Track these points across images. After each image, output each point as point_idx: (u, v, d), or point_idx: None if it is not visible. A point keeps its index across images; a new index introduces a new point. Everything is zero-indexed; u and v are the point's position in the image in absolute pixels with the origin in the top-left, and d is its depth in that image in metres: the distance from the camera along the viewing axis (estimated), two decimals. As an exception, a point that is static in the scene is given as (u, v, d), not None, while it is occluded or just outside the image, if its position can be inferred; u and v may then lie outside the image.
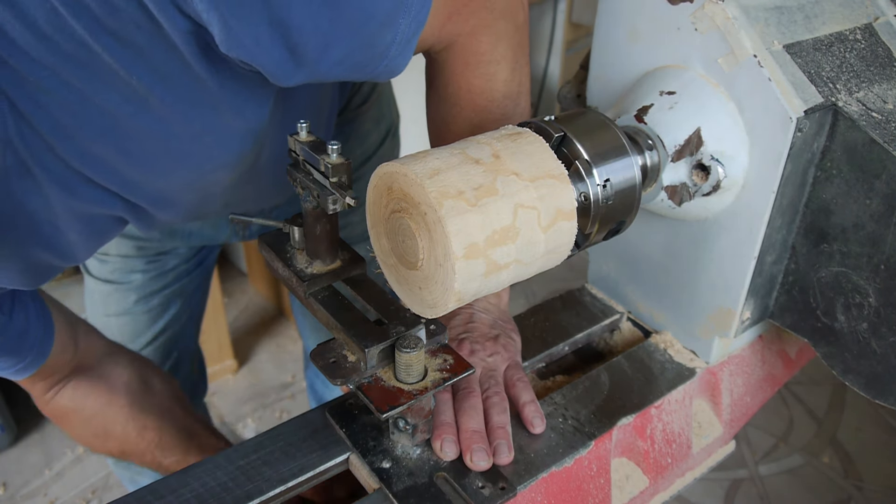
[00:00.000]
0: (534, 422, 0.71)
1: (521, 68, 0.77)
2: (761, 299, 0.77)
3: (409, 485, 0.65)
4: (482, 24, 0.71)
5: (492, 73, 0.74)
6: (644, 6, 0.73)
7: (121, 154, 0.63)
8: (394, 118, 1.22)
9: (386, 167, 0.54)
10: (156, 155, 0.65)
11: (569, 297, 0.93)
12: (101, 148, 0.62)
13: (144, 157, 0.65)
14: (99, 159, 0.63)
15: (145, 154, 0.64)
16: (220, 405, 2.21)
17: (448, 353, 0.66)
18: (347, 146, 1.10)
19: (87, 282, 1.17)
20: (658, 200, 0.73)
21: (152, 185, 0.69)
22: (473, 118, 0.76)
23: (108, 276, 1.14)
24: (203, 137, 0.65)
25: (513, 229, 0.53)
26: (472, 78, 0.74)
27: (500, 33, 0.72)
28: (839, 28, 0.73)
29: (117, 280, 1.14)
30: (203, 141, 0.66)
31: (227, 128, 0.66)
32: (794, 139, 0.65)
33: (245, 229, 1.13)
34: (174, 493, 0.65)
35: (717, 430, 0.84)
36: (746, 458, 2.03)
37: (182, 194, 0.75)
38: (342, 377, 0.62)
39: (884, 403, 0.71)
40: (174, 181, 0.70)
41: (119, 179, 0.66)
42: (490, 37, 0.72)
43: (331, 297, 0.69)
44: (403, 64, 0.63)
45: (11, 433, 2.05)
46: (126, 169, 0.65)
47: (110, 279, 1.14)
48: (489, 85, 0.75)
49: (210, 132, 0.65)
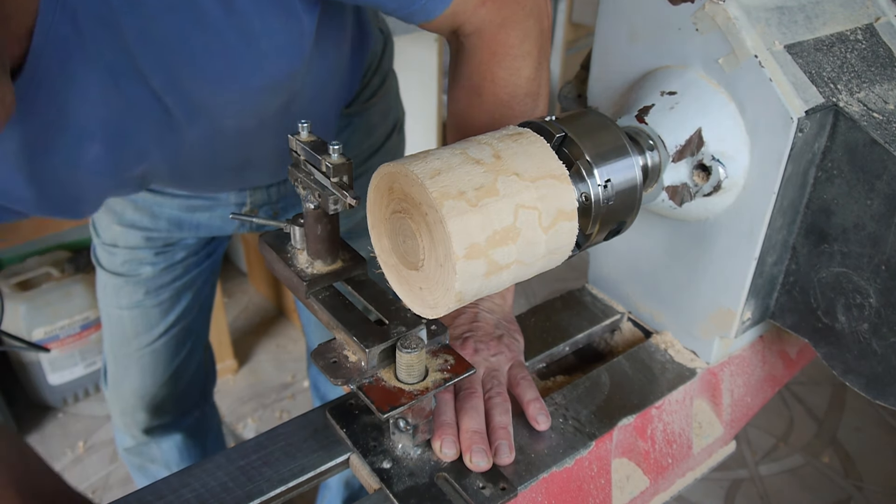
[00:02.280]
0: (538, 418, 0.71)
1: (543, 70, 0.79)
2: (762, 300, 0.77)
3: (409, 485, 0.65)
4: (513, 18, 0.74)
5: (517, 67, 0.76)
6: (644, 6, 0.73)
7: (178, 39, 0.65)
8: (400, 114, 1.22)
9: (387, 167, 0.54)
10: (211, 51, 0.67)
11: (569, 297, 0.93)
12: (163, 27, 0.64)
13: (201, 48, 0.67)
14: (156, 42, 0.64)
15: (203, 46, 0.66)
16: (220, 405, 2.21)
17: (449, 353, 0.66)
18: (356, 138, 1.11)
19: (98, 275, 1.19)
20: (659, 201, 0.73)
21: (197, 89, 0.71)
22: (494, 111, 0.78)
23: (119, 269, 1.15)
24: (259, 42, 0.68)
25: (514, 230, 0.53)
26: (498, 69, 0.76)
27: (529, 31, 0.75)
28: (840, 28, 0.73)
29: (127, 273, 1.14)
30: (257, 47, 0.69)
31: (276, 46, 0.70)
32: (795, 139, 0.65)
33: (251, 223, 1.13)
34: (174, 493, 0.65)
35: (717, 431, 0.84)
36: (747, 458, 2.03)
37: (220, 114, 0.76)
38: (343, 377, 0.63)
39: (884, 404, 0.71)
40: (219, 93, 0.72)
41: (167, 73, 0.68)
42: (519, 32, 0.75)
43: (332, 298, 0.69)
44: (440, 9, 0.70)
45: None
46: (178, 60, 0.67)
47: (120, 272, 1.15)
48: (513, 79, 0.77)
49: (267, 38, 0.69)
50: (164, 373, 1.25)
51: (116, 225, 1.11)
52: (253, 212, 1.11)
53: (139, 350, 1.22)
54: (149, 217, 1.09)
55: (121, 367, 1.25)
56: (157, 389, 1.26)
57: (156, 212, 1.09)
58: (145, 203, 1.08)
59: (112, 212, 1.10)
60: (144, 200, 1.08)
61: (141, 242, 1.12)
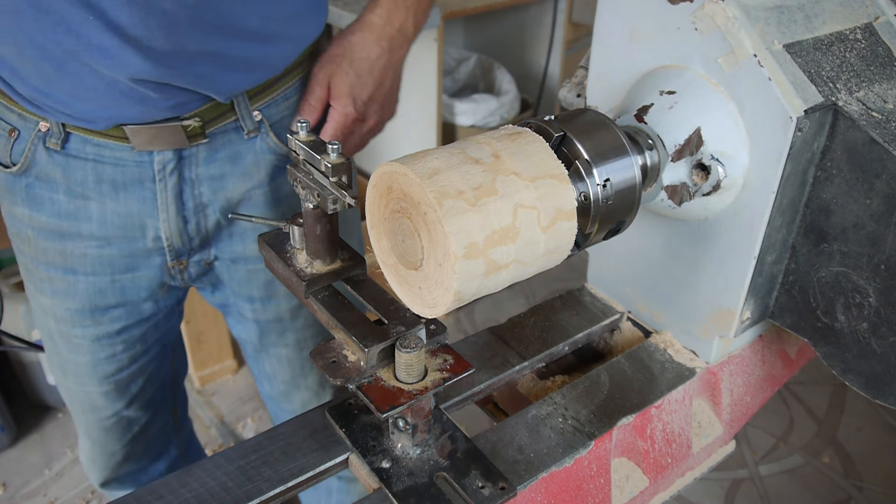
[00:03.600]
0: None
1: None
2: (761, 299, 0.77)
3: (408, 485, 0.65)
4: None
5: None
6: (644, 6, 0.73)
7: None
8: None
9: (386, 167, 0.54)
10: None
11: (569, 297, 0.93)
12: None
13: None
14: None
15: None
16: (221, 405, 2.21)
17: (448, 352, 0.66)
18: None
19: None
20: (658, 200, 0.73)
21: None
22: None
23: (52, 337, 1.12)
24: None
25: (513, 229, 0.53)
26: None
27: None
28: (839, 27, 0.73)
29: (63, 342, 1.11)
30: None
31: None
32: (795, 139, 0.65)
33: (183, 271, 1.08)
34: (174, 493, 0.65)
35: (717, 430, 0.84)
36: (746, 458, 2.03)
37: None
38: (342, 377, 0.63)
39: (884, 403, 0.71)
40: None
41: None
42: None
43: (331, 297, 0.69)
44: None
45: (11, 433, 2.06)
46: None
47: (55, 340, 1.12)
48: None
49: None
50: (123, 438, 1.23)
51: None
52: (182, 263, 1.05)
53: (91, 423, 1.19)
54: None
55: (80, 424, 1.22)
56: (120, 448, 1.24)
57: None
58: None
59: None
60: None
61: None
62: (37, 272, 1.04)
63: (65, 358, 1.11)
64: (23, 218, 0.99)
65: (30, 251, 1.02)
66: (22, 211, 0.99)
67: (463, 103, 2.63)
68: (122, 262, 1.02)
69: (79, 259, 1.01)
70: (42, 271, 1.03)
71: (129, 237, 1.00)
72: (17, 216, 1.00)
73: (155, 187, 0.97)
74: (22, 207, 0.98)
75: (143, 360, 1.15)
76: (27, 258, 1.04)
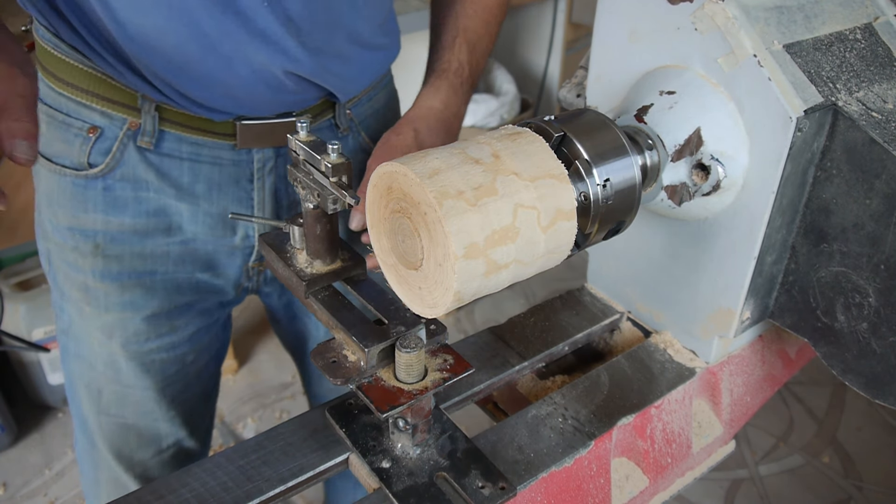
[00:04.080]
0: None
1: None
2: (761, 299, 0.77)
3: (408, 485, 0.65)
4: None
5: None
6: (644, 6, 0.73)
7: None
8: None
9: (386, 167, 0.54)
10: None
11: (569, 297, 0.93)
12: None
13: None
14: None
15: None
16: (221, 405, 2.21)
17: (448, 352, 0.67)
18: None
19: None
20: (658, 200, 0.73)
21: None
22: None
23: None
24: None
25: (512, 229, 0.53)
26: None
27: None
28: (839, 28, 0.73)
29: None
30: None
31: None
32: (794, 139, 0.65)
33: (260, 275, 1.04)
34: (174, 493, 0.65)
35: (717, 430, 0.84)
36: (746, 458, 2.03)
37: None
38: (342, 377, 0.63)
39: (884, 403, 0.71)
40: None
41: None
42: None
43: (331, 297, 0.69)
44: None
45: (11, 433, 2.06)
46: None
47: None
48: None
49: None
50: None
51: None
52: (263, 264, 1.01)
53: (148, 459, 1.09)
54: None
55: (126, 466, 1.09)
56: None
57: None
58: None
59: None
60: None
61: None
62: (102, 286, 0.95)
63: (128, 384, 1.02)
64: (94, 225, 0.92)
65: (92, 264, 0.94)
66: (94, 217, 0.91)
67: (463, 103, 2.63)
68: (205, 259, 0.98)
69: (160, 257, 0.95)
70: (111, 282, 0.95)
71: (218, 235, 0.96)
72: (82, 226, 0.92)
73: (251, 186, 0.94)
74: (94, 213, 0.91)
75: (204, 376, 1.11)
76: (86, 273, 0.95)
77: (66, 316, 1.01)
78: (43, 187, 0.94)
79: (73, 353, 1.03)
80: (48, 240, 0.97)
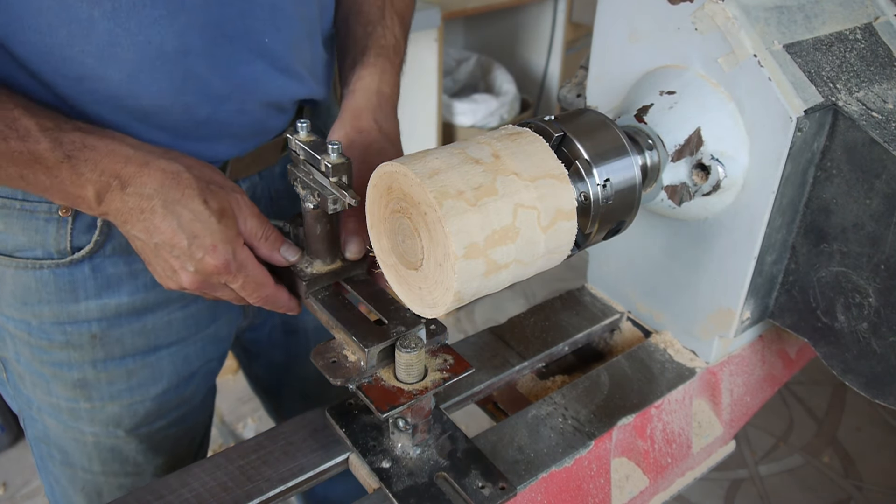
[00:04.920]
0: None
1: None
2: (761, 299, 0.77)
3: (408, 485, 0.65)
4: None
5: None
6: (644, 6, 0.73)
7: None
8: None
9: (386, 167, 0.54)
10: None
11: (569, 297, 0.93)
12: None
13: None
14: None
15: None
16: (220, 405, 2.21)
17: (448, 352, 0.67)
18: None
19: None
20: (658, 200, 0.73)
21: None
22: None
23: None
24: None
25: (513, 229, 0.53)
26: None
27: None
28: (839, 28, 0.73)
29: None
30: None
31: None
32: (794, 139, 0.65)
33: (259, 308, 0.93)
34: (174, 493, 0.65)
35: (717, 430, 0.84)
36: (746, 458, 2.03)
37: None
38: (343, 377, 0.63)
39: (884, 403, 0.71)
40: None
41: None
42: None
43: (331, 297, 0.69)
44: None
45: (11, 433, 2.06)
46: None
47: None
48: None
49: None
50: None
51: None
52: None
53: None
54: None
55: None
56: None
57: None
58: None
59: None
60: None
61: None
62: (106, 375, 0.86)
63: (135, 472, 0.95)
64: (87, 315, 0.82)
65: (92, 355, 0.85)
66: (86, 306, 0.82)
67: (463, 103, 2.63)
68: (206, 315, 0.91)
69: (162, 331, 0.87)
70: (115, 369, 0.86)
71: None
72: (74, 318, 0.82)
73: None
74: (86, 301, 0.81)
75: (206, 427, 1.05)
76: (83, 368, 0.85)
77: (41, 425, 0.91)
78: (9, 289, 0.80)
79: (60, 461, 0.93)
80: (20, 344, 0.85)
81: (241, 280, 0.69)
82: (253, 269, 0.70)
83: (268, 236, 0.71)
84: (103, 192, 0.65)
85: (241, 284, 0.70)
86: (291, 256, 0.72)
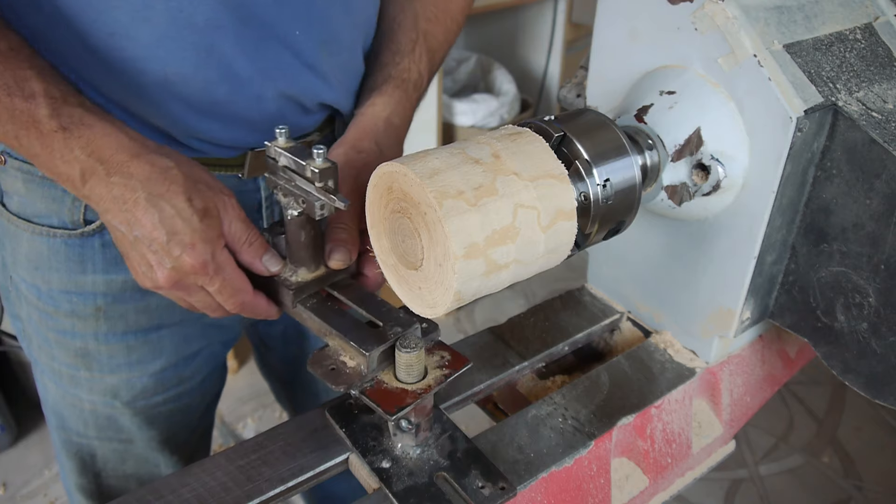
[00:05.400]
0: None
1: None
2: (761, 299, 0.77)
3: (409, 484, 0.65)
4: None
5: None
6: (644, 6, 0.73)
7: None
8: None
9: (386, 167, 0.54)
10: None
11: (569, 297, 0.93)
12: None
13: None
14: None
15: None
16: (221, 405, 2.21)
17: (444, 349, 0.66)
18: None
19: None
20: (658, 200, 0.73)
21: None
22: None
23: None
24: None
25: (512, 229, 0.53)
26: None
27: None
28: (839, 28, 0.73)
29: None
30: None
31: None
32: (794, 139, 0.65)
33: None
34: (174, 493, 0.65)
35: (717, 430, 0.84)
36: (746, 458, 2.03)
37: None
38: (345, 383, 0.62)
39: (884, 403, 0.71)
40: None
41: None
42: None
43: (320, 304, 0.68)
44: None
45: (11, 433, 2.06)
46: None
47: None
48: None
49: None
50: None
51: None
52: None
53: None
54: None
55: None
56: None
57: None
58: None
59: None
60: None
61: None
62: (107, 348, 0.89)
63: (129, 439, 0.98)
64: (93, 287, 0.85)
65: (95, 327, 0.88)
66: (93, 279, 0.84)
67: (463, 103, 2.63)
68: None
69: (164, 310, 0.89)
70: (116, 343, 0.89)
71: None
72: (81, 289, 0.85)
73: (260, 216, 0.90)
74: (93, 275, 0.84)
75: (207, 416, 1.07)
76: (86, 338, 0.88)
77: (41, 386, 0.96)
78: (24, 252, 0.85)
79: (56, 426, 0.97)
80: (30, 307, 0.89)
81: (219, 283, 0.68)
82: (231, 272, 0.68)
83: (252, 242, 0.69)
84: (88, 174, 0.65)
85: (217, 288, 0.68)
86: (273, 266, 0.70)
